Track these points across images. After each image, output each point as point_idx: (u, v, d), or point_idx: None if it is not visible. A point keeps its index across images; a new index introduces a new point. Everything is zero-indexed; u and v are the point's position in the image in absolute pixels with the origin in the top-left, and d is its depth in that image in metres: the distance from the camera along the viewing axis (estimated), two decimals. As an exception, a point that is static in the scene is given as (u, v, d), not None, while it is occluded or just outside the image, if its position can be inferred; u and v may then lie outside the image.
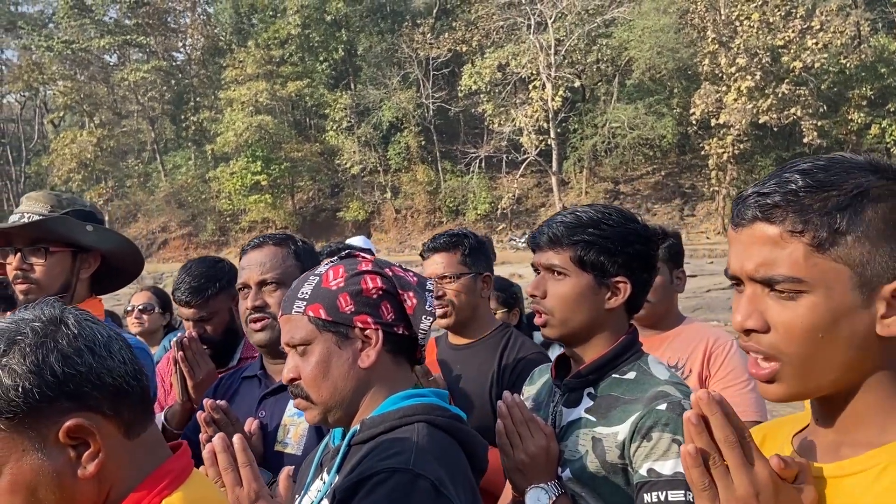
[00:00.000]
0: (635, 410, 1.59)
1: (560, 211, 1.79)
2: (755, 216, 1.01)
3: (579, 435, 1.65)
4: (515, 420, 1.64)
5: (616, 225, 1.68)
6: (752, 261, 1.02)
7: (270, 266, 2.13)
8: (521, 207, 39.41)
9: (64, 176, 43.56)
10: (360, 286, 1.48)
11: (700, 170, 37.23)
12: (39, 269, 2.20)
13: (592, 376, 1.69)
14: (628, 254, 1.68)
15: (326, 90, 42.26)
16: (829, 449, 1.06)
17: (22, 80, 45.30)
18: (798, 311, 0.99)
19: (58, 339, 1.09)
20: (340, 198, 42.77)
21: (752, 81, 32.38)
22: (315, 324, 1.46)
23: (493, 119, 37.77)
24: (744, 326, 1.03)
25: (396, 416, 1.43)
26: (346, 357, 1.46)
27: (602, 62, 38.32)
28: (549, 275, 1.71)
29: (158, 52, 47.68)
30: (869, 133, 33.56)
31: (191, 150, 47.27)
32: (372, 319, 1.46)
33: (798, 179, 1.00)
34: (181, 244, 43.69)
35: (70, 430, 1.07)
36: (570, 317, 1.68)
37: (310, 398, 1.48)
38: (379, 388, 1.49)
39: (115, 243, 2.35)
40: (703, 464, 0.99)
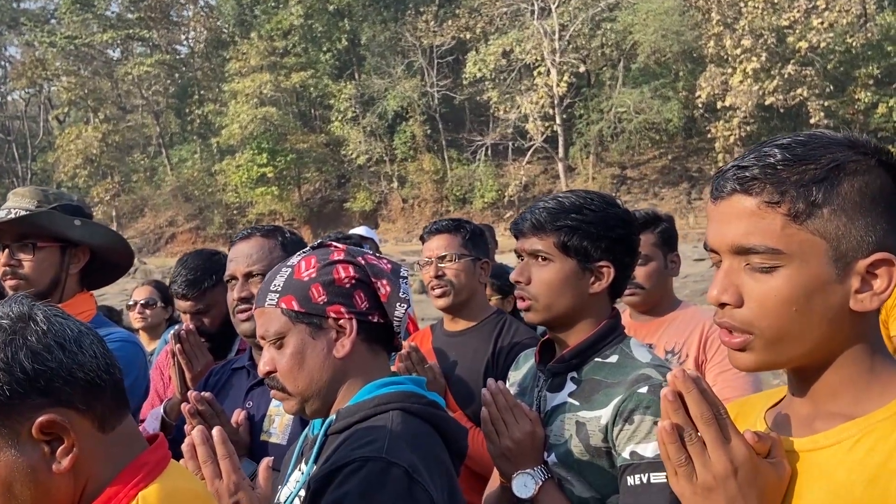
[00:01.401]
0: (618, 394, 1.60)
1: (541, 197, 1.79)
2: (734, 189, 1.03)
3: (563, 419, 1.67)
4: (500, 407, 1.65)
5: (598, 210, 1.69)
6: (729, 233, 1.03)
7: (257, 258, 2.15)
8: (528, 195, 39.30)
9: (70, 172, 43.69)
10: (333, 276, 1.48)
11: (707, 153, 37.07)
12: (28, 264, 2.21)
13: (575, 360, 1.70)
14: (611, 238, 1.69)
15: (330, 80, 42.17)
16: (803, 423, 1.07)
17: (26, 76, 45.37)
18: (773, 284, 1.00)
19: (27, 336, 1.10)
20: (347, 188, 42.78)
21: (758, 63, 32.17)
22: (288, 316, 1.47)
23: (499, 106, 37.65)
24: (719, 300, 1.04)
25: (371, 405, 1.44)
26: (320, 348, 1.47)
27: (606, 47, 38.12)
28: (533, 261, 1.72)
29: (161, 45, 47.67)
30: (876, 112, 33.33)
31: (196, 144, 47.30)
32: (345, 309, 1.47)
33: (777, 153, 1.01)
34: (189, 238, 43.78)
35: (43, 426, 1.08)
36: (554, 302, 1.69)
37: (286, 390, 1.49)
38: (355, 377, 1.50)
39: (104, 237, 2.36)
40: (680, 440, 1.00)
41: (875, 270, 0.99)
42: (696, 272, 17.74)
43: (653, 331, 2.74)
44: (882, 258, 0.99)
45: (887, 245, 0.99)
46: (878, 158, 1.01)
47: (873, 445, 0.97)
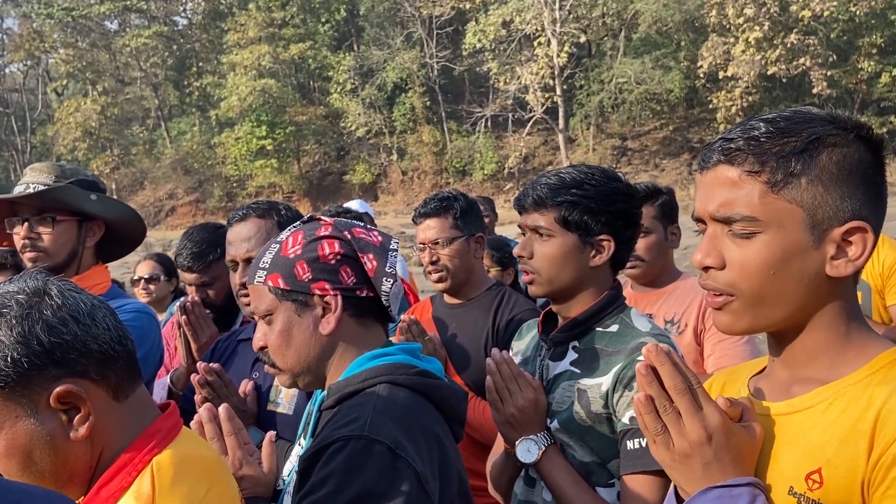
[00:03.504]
0: (618, 362, 1.65)
1: (543, 172, 1.82)
2: (718, 159, 1.09)
3: (565, 387, 1.71)
4: (504, 376, 1.70)
5: (599, 184, 1.72)
6: (713, 201, 1.09)
7: (255, 242, 2.18)
8: (529, 166, 39.20)
9: (69, 145, 43.54)
10: (317, 252, 1.47)
11: (708, 123, 36.84)
12: (47, 237, 2.26)
13: (577, 330, 1.75)
14: (611, 212, 1.72)
15: (329, 52, 41.87)
16: (781, 388, 1.12)
17: (23, 48, 45.07)
18: (752, 249, 1.06)
19: (42, 310, 1.14)
20: (346, 161, 42.65)
21: (761, 32, 31.85)
22: (275, 293, 1.48)
23: (499, 77, 37.36)
24: (703, 263, 1.11)
25: (360, 380, 1.44)
26: (306, 325, 1.48)
27: (608, 16, 37.77)
28: (535, 236, 1.76)
29: (159, 17, 47.24)
30: (879, 81, 33.07)
31: (195, 116, 47.09)
32: (330, 286, 1.46)
33: (761, 126, 1.07)
34: (189, 211, 43.76)
35: (60, 396, 1.13)
36: (556, 275, 1.73)
37: (276, 365, 1.52)
38: (345, 351, 1.50)
39: (119, 211, 2.41)
40: (655, 411, 1.06)
41: (850, 238, 1.05)
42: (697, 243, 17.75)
43: (653, 301, 2.79)
44: (856, 226, 1.04)
45: (862, 214, 1.05)
46: (857, 133, 1.07)
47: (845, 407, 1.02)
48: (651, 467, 1.53)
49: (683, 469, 1.05)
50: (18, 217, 2.29)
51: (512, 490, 1.84)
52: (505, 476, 1.83)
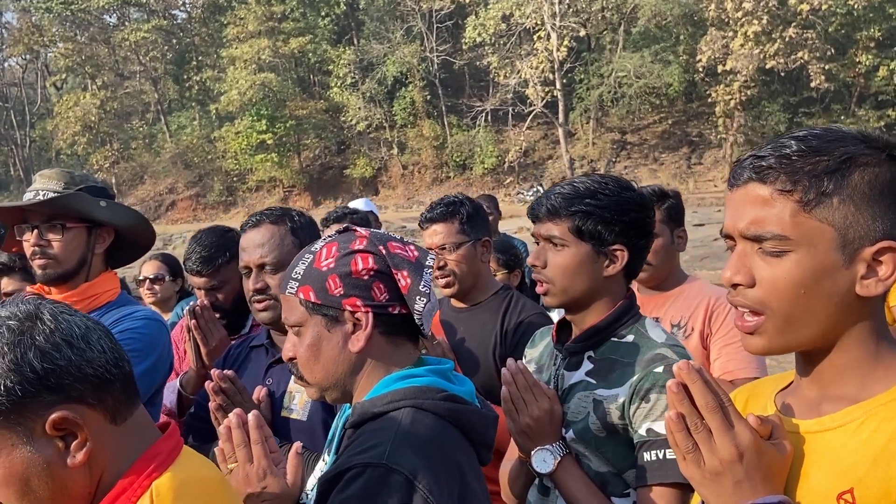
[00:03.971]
0: (634, 373, 1.65)
1: (558, 182, 1.83)
2: (749, 177, 1.08)
3: (581, 397, 1.72)
4: (520, 386, 1.71)
5: (612, 194, 1.73)
6: (743, 219, 1.08)
7: (269, 248, 2.18)
8: (529, 160, 39.20)
9: (69, 139, 43.42)
10: (350, 267, 1.44)
11: (707, 117, 36.85)
12: (57, 244, 2.26)
13: (592, 340, 1.76)
14: (625, 222, 1.73)
15: (329, 46, 41.75)
16: (810, 405, 1.12)
17: (22, 43, 44.88)
18: (783, 268, 1.06)
19: (35, 336, 1.12)
20: (347, 155, 42.58)
21: (759, 26, 31.80)
22: (305, 306, 1.45)
23: (499, 71, 37.29)
24: (732, 281, 1.10)
25: (384, 402, 1.41)
26: (336, 341, 1.45)
27: (607, 10, 37.70)
28: (549, 245, 1.76)
29: (158, 10, 47.10)
30: (877, 75, 33.04)
31: (195, 110, 46.99)
32: (361, 302, 1.43)
33: (793, 144, 1.06)
34: (189, 205, 43.70)
35: (55, 423, 1.11)
36: (570, 285, 1.74)
37: (305, 378, 1.50)
38: (374, 369, 1.47)
39: (128, 218, 2.41)
40: (686, 429, 1.06)
41: (880, 258, 1.04)
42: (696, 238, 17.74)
43: (659, 305, 2.80)
44: (887, 246, 1.04)
45: (893, 234, 1.05)
46: (889, 153, 1.06)
47: (877, 427, 1.02)
48: (668, 479, 1.54)
49: (714, 487, 1.05)
50: (28, 224, 2.29)
51: (526, 497, 1.85)
52: (519, 484, 1.85)
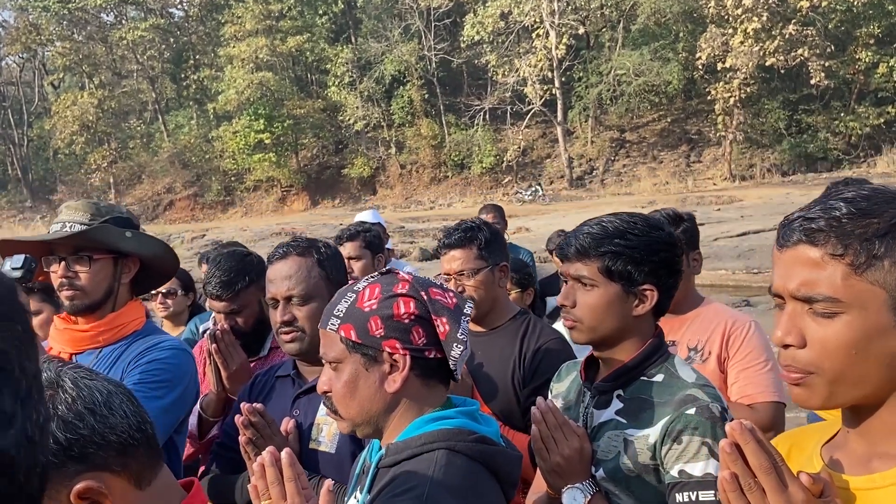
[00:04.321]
0: (665, 414, 1.67)
1: (586, 221, 1.84)
2: (800, 239, 1.09)
3: (611, 436, 1.74)
4: (550, 425, 1.72)
5: (642, 234, 1.74)
6: (794, 280, 1.09)
7: (296, 281, 2.20)
8: (527, 159, 39.19)
9: (66, 139, 43.30)
10: (393, 310, 1.48)
11: (706, 115, 36.84)
12: (84, 276, 2.28)
13: (621, 379, 1.77)
14: (654, 262, 1.74)
15: (327, 45, 41.70)
16: (860, 461, 1.13)
17: (20, 41, 44.72)
18: (834, 329, 1.07)
19: (57, 405, 1.10)
20: (345, 154, 42.55)
21: (759, 23, 31.81)
22: (346, 344, 1.50)
23: (497, 70, 37.27)
24: (783, 341, 1.11)
25: (418, 443, 1.45)
26: (373, 380, 1.49)
27: (606, 7, 37.72)
28: (578, 285, 1.78)
29: (156, 9, 47.00)
30: (877, 72, 33.08)
31: (192, 110, 46.93)
32: (401, 345, 1.47)
33: (842, 207, 1.07)
34: (187, 205, 43.65)
35: (80, 493, 1.09)
36: (600, 324, 1.75)
37: (339, 413, 1.54)
38: (407, 409, 1.51)
39: (154, 248, 2.43)
40: (740, 489, 1.06)
41: None
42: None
43: (676, 328, 2.80)
44: None
45: None
46: None
47: None
48: None
49: None
50: (55, 256, 2.31)
51: (554, 533, 1.87)
52: (548, 520, 1.87)
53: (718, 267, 14.59)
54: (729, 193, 28.80)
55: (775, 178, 33.69)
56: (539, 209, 29.95)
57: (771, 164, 34.72)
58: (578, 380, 1.92)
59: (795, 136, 34.79)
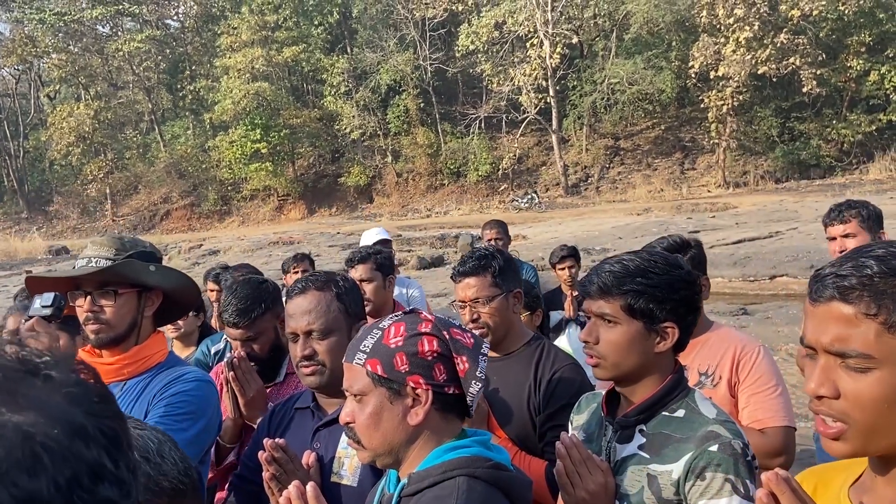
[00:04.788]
0: (688, 450, 1.71)
1: (606, 259, 1.89)
2: (832, 295, 1.13)
3: (634, 471, 1.79)
4: (574, 459, 1.77)
5: (662, 273, 1.79)
6: (827, 335, 1.13)
7: (316, 315, 2.23)
8: (523, 167, 39.32)
9: (63, 150, 43.30)
10: (417, 348, 1.58)
11: (700, 123, 37.03)
12: (109, 310, 2.32)
13: (644, 414, 1.82)
14: (675, 300, 1.79)
15: (323, 55, 41.83)
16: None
17: (16, 53, 44.75)
18: (867, 383, 1.11)
19: None
20: (341, 163, 42.63)
21: (751, 32, 32.00)
22: (371, 377, 1.58)
23: (492, 79, 37.47)
24: (817, 393, 1.15)
25: (440, 471, 1.53)
26: (396, 412, 1.58)
27: (599, 17, 37.93)
28: (601, 322, 1.83)
29: (152, 20, 47.11)
30: (868, 80, 33.32)
31: (189, 120, 46.99)
32: (424, 380, 1.57)
33: (873, 265, 1.11)
34: (184, 215, 43.64)
35: None
36: (622, 361, 1.80)
37: (361, 443, 1.61)
38: (426, 441, 1.60)
39: (176, 281, 2.47)
40: None
41: None
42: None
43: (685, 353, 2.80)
44: None
45: None
46: None
47: None
48: None
49: None
50: (81, 290, 2.35)
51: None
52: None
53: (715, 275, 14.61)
54: (723, 200, 28.92)
55: (769, 184, 33.85)
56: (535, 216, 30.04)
57: (764, 171, 34.89)
58: (599, 412, 1.97)
59: (788, 144, 34.98)
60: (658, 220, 24.28)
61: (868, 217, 3.59)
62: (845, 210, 3.61)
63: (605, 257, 2.02)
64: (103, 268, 2.30)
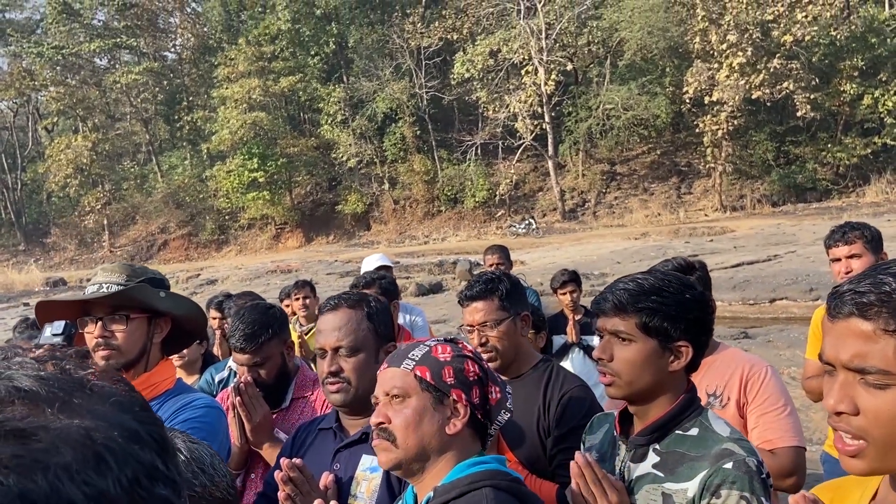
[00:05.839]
0: (702, 468, 1.71)
1: (620, 278, 1.90)
2: (851, 311, 1.14)
3: (649, 489, 1.79)
4: (589, 479, 1.77)
5: (676, 292, 1.81)
6: (846, 351, 1.14)
7: (345, 332, 2.24)
8: (519, 193, 39.45)
9: (61, 182, 43.45)
10: (463, 366, 1.71)
11: (695, 147, 37.24)
12: (120, 335, 2.32)
13: (657, 433, 1.82)
14: (689, 320, 1.80)
15: (319, 84, 42.14)
16: None
17: (13, 87, 45.08)
18: (886, 399, 1.11)
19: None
20: (338, 191, 42.77)
21: (744, 57, 32.27)
22: (419, 381, 1.68)
23: (488, 106, 37.69)
24: (836, 409, 1.16)
25: (465, 483, 1.61)
26: (437, 418, 1.66)
27: (593, 44, 38.22)
28: (615, 339, 1.83)
29: (149, 53, 47.45)
30: (861, 104, 33.54)
31: (186, 150, 47.18)
32: (465, 397, 1.68)
33: (892, 282, 1.12)
34: (181, 244, 43.67)
35: None
36: (636, 379, 1.81)
37: (396, 442, 1.65)
38: (453, 454, 1.68)
39: (186, 308, 2.47)
40: None
41: None
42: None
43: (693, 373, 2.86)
44: None
45: None
46: None
47: None
48: None
49: None
50: (91, 316, 2.35)
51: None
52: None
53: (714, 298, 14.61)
54: (721, 224, 28.99)
55: (766, 208, 33.97)
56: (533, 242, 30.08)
57: (761, 195, 35.02)
58: (611, 432, 1.97)
59: (784, 167, 35.16)
60: (656, 244, 24.32)
61: (871, 238, 3.61)
62: (849, 231, 3.63)
63: (603, 282, 2.04)
64: (117, 291, 2.30)
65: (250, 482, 2.83)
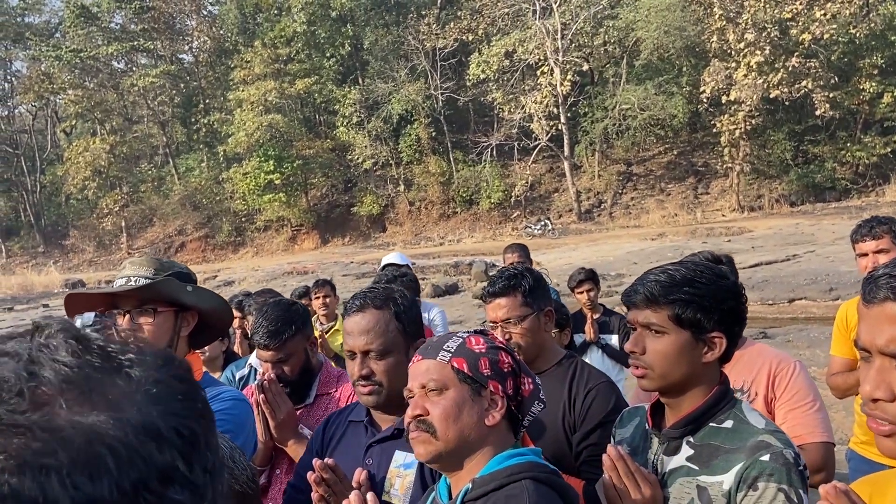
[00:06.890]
0: (738, 460, 1.68)
1: (650, 270, 1.87)
2: (886, 296, 1.12)
3: (683, 482, 1.76)
4: (622, 472, 1.74)
5: (709, 282, 1.77)
6: (882, 336, 1.12)
7: (374, 335, 2.20)
8: (535, 194, 39.37)
9: (79, 184, 43.85)
10: (498, 357, 1.70)
11: (713, 147, 37.02)
12: (148, 328, 2.31)
13: (691, 426, 1.79)
14: (722, 310, 1.77)
15: (335, 86, 42.27)
16: None
17: (32, 90, 45.56)
18: None
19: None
20: (354, 193, 42.87)
21: (762, 56, 32.07)
22: (456, 373, 1.66)
23: (503, 107, 37.66)
24: (873, 396, 1.13)
25: (505, 475, 1.59)
26: (476, 410, 1.65)
27: (609, 44, 38.08)
28: (647, 332, 1.80)
29: (166, 56, 47.82)
30: (881, 102, 33.23)
31: (203, 153, 47.46)
32: (501, 388, 1.67)
33: None
34: (198, 246, 43.91)
35: None
36: (670, 371, 1.78)
37: (436, 434, 1.63)
38: (491, 447, 1.66)
39: (213, 302, 2.47)
40: None
41: None
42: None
43: (720, 368, 2.83)
44: None
45: None
46: None
47: None
48: None
49: None
50: (119, 309, 2.35)
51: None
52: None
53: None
54: (738, 224, 28.81)
55: (784, 208, 33.72)
56: (549, 243, 30.01)
57: (779, 195, 34.77)
58: (643, 425, 1.95)
59: (802, 167, 34.89)
60: (673, 244, 24.19)
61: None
62: (876, 226, 3.58)
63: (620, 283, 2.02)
64: (145, 285, 2.30)
65: (275, 478, 2.83)
